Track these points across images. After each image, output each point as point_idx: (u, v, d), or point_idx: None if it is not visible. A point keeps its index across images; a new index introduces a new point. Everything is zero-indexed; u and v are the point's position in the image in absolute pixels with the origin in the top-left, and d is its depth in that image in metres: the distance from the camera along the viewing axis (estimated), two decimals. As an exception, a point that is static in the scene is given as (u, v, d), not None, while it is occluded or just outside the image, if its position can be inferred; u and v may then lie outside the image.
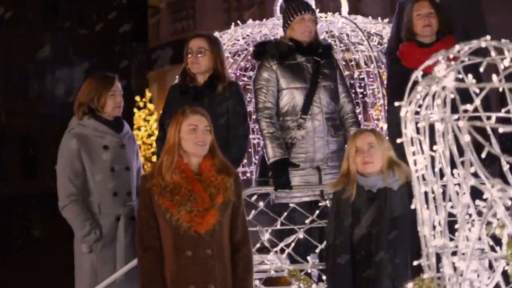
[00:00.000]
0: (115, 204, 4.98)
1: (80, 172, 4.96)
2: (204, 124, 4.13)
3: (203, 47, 5.27)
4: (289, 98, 5.32)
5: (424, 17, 5.24)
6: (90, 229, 4.89)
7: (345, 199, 4.38)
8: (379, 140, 4.41)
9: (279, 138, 5.22)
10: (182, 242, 3.99)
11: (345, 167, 4.45)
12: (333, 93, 5.36)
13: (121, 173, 5.03)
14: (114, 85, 5.10)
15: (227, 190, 4.08)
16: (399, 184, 4.36)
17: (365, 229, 4.35)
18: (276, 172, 5.17)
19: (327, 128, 5.28)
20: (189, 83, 5.29)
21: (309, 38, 5.38)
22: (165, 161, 4.09)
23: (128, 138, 5.19)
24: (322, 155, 5.25)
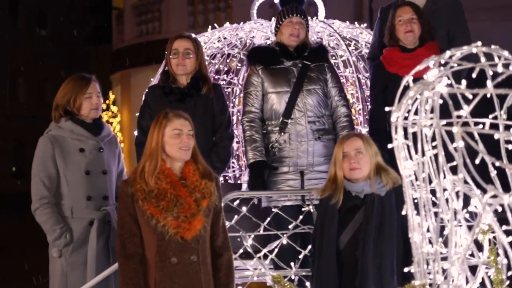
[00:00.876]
0: (89, 208, 4.89)
1: (54, 175, 4.88)
2: (188, 128, 4.05)
3: (190, 49, 5.21)
4: (272, 102, 5.32)
5: (406, 22, 5.25)
6: (60, 233, 4.79)
7: (331, 205, 4.34)
8: (366, 145, 4.37)
9: (257, 141, 5.22)
10: (167, 248, 3.90)
11: (332, 172, 4.41)
12: (320, 97, 5.33)
13: (97, 177, 4.93)
14: (90, 86, 4.99)
15: (211, 194, 4.01)
16: (386, 190, 4.34)
17: (351, 235, 4.31)
18: (252, 174, 5.18)
19: (312, 132, 5.25)
20: (171, 84, 5.21)
21: (296, 41, 5.35)
22: (148, 166, 3.99)
23: (109, 141, 5.09)
24: (305, 159, 5.22)
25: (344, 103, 5.41)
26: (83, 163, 4.91)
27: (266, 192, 5.15)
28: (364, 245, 4.25)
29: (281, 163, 5.24)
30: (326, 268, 4.31)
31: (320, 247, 4.35)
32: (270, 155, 5.25)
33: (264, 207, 5.19)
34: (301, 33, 5.36)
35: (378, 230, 4.26)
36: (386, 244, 4.25)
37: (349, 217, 4.34)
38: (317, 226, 4.45)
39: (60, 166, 4.89)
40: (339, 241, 4.32)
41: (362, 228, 4.29)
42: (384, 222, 4.27)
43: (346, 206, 4.34)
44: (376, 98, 5.41)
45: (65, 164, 4.89)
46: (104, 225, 4.90)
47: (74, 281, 4.84)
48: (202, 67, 5.25)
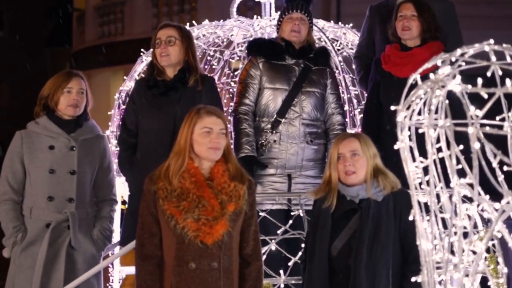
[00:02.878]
0: (49, 209, 4.63)
1: (19, 172, 4.67)
2: (219, 126, 3.78)
3: (173, 36, 4.90)
4: (268, 98, 5.11)
5: (405, 19, 5.08)
6: (11, 232, 4.57)
7: (325, 209, 4.11)
8: (364, 147, 4.14)
9: (250, 135, 5.01)
10: (186, 252, 3.64)
11: (327, 174, 4.18)
12: (318, 101, 5.15)
13: (62, 177, 4.67)
14: (71, 81, 4.74)
15: (240, 198, 3.74)
16: (383, 195, 4.11)
17: (345, 241, 4.09)
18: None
19: (304, 135, 5.04)
20: (157, 76, 4.91)
21: (297, 37, 5.14)
22: (173, 165, 3.72)
23: (90, 140, 4.81)
24: (294, 162, 5.02)
25: (341, 111, 5.25)
26: (48, 161, 4.67)
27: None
28: (357, 253, 4.02)
29: (269, 164, 5.04)
30: (317, 275, 4.09)
31: (311, 253, 4.13)
32: (259, 154, 5.03)
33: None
34: (302, 29, 5.16)
35: (373, 237, 4.04)
36: (381, 253, 4.03)
37: (343, 223, 4.12)
38: (309, 231, 4.23)
39: (26, 162, 4.69)
40: (331, 248, 4.10)
41: (356, 235, 4.07)
42: (379, 229, 4.05)
43: (340, 211, 4.12)
44: (370, 95, 5.28)
45: (31, 161, 4.67)
46: (63, 229, 4.63)
47: (20, 285, 4.59)
48: (190, 56, 4.92)
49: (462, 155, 2.73)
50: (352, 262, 4.03)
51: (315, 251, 4.10)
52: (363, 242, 4.02)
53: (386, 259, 4.04)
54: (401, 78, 4.80)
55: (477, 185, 2.71)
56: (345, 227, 4.10)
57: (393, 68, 5.06)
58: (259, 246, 3.88)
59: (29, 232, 4.63)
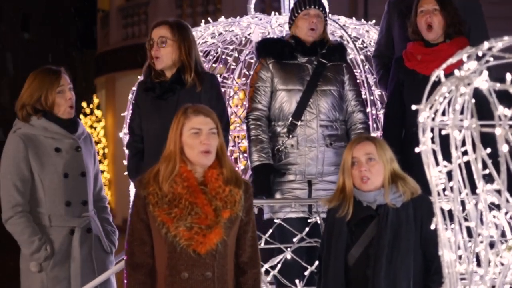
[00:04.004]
0: (68, 215, 4.39)
1: (28, 179, 4.37)
2: (209, 126, 3.55)
3: (165, 36, 4.54)
4: (282, 101, 4.83)
5: (426, 14, 4.82)
6: (39, 245, 4.30)
7: (340, 217, 3.87)
8: (380, 150, 3.89)
9: (264, 142, 4.73)
10: (178, 262, 3.45)
11: (340, 180, 3.93)
12: (336, 100, 4.85)
13: (76, 180, 4.45)
14: (61, 79, 4.46)
15: (236, 204, 3.53)
16: (403, 201, 3.86)
17: (362, 250, 3.86)
18: (256, 178, 4.70)
19: (323, 137, 4.78)
20: (155, 78, 4.64)
21: (314, 36, 4.86)
22: (164, 170, 3.51)
23: (84, 139, 4.59)
24: (314, 167, 4.75)
25: (361, 108, 4.94)
26: (60, 165, 4.42)
27: (267, 201, 4.67)
28: (375, 262, 3.79)
29: (287, 170, 4.77)
30: (333, 287, 3.86)
31: (326, 263, 3.89)
32: (275, 160, 4.76)
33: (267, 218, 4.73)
34: (319, 27, 4.87)
35: (392, 245, 3.80)
36: (401, 262, 3.79)
37: (360, 230, 3.88)
38: (323, 240, 3.99)
39: (35, 168, 4.39)
40: (348, 257, 3.86)
41: (373, 243, 3.83)
42: (399, 236, 3.81)
43: (357, 218, 3.88)
44: (392, 95, 5.00)
45: (41, 166, 4.39)
46: (85, 234, 4.42)
47: None
48: (184, 55, 4.55)
49: (489, 158, 2.55)
50: (370, 272, 3.80)
51: (330, 260, 3.88)
52: (382, 250, 3.80)
53: (407, 268, 3.81)
54: (427, 76, 4.53)
55: (505, 191, 2.54)
56: (362, 234, 3.88)
57: (418, 65, 4.80)
58: (257, 253, 3.69)
59: (55, 242, 4.40)
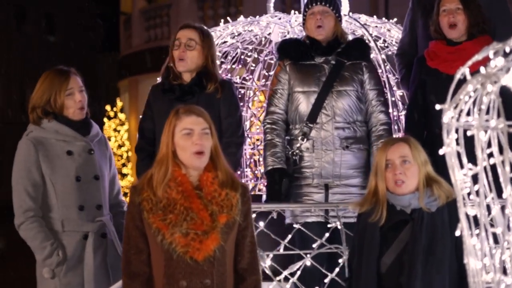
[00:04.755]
0: (82, 219, 4.27)
1: (39, 183, 4.26)
2: (201, 126, 3.41)
3: (194, 40, 4.56)
4: (298, 103, 4.69)
5: (450, 13, 4.66)
6: (51, 250, 4.19)
7: (372, 222, 3.71)
8: (414, 152, 3.72)
9: (277, 146, 4.61)
10: (176, 270, 3.32)
11: (372, 184, 3.75)
12: (353, 101, 4.68)
13: (89, 183, 4.32)
14: (70, 81, 4.33)
15: (232, 208, 3.39)
16: (438, 205, 3.69)
17: (395, 256, 3.69)
18: (269, 183, 4.59)
19: (339, 140, 4.62)
20: (172, 81, 4.59)
21: (323, 34, 4.70)
22: (157, 174, 3.39)
23: (98, 141, 4.47)
24: (331, 171, 4.59)
25: (383, 109, 4.74)
26: (72, 168, 4.29)
27: (287, 205, 4.53)
28: (410, 269, 3.61)
29: (303, 174, 4.62)
30: None
31: (358, 270, 3.72)
32: (292, 163, 4.63)
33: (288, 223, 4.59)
34: (326, 23, 4.69)
35: (427, 252, 3.63)
36: (437, 269, 3.62)
37: (393, 235, 3.70)
38: (354, 246, 3.82)
39: (46, 172, 4.27)
40: (380, 263, 3.69)
41: (408, 249, 3.65)
42: (434, 243, 3.64)
43: (390, 222, 3.70)
44: (414, 95, 4.83)
45: (52, 170, 4.28)
46: (100, 239, 4.31)
47: None
48: (209, 63, 4.58)
49: (517, 161, 2.37)
50: (404, 280, 3.63)
51: (362, 268, 3.71)
52: (416, 257, 3.63)
53: (442, 276, 3.65)
54: (450, 75, 4.38)
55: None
56: (395, 240, 3.71)
57: (441, 64, 4.64)
58: (256, 259, 3.54)
59: (67, 247, 4.28)
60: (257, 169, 6.45)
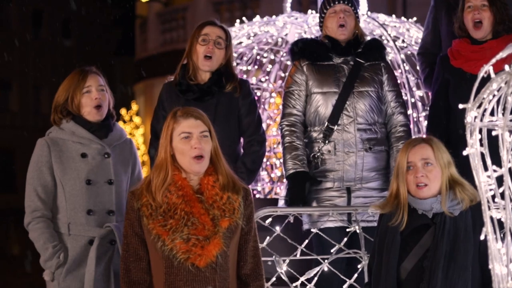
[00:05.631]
0: (89, 224, 4.17)
1: (50, 184, 4.19)
2: (199, 129, 3.34)
3: (222, 38, 4.49)
4: (317, 104, 4.57)
5: (474, 10, 4.54)
6: (52, 252, 4.10)
7: (393, 226, 3.60)
8: (437, 154, 3.60)
9: (299, 149, 4.48)
10: (177, 277, 3.24)
11: (394, 186, 3.64)
12: (374, 101, 4.57)
13: (100, 188, 4.21)
14: (88, 79, 4.24)
15: (235, 211, 3.31)
16: (461, 209, 3.58)
17: (416, 262, 3.57)
18: (291, 187, 4.46)
19: (361, 141, 4.51)
20: (189, 80, 4.46)
21: (346, 33, 4.58)
22: (155, 179, 3.31)
23: (120, 145, 4.36)
24: (353, 174, 4.48)
25: (402, 110, 4.65)
26: (83, 171, 4.20)
27: (304, 209, 4.40)
28: (431, 276, 3.50)
29: (324, 178, 4.50)
30: None
31: (377, 276, 3.61)
32: (312, 167, 4.51)
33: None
34: (348, 22, 4.58)
35: (449, 257, 3.51)
36: (459, 276, 3.50)
37: (414, 240, 3.59)
38: (374, 250, 3.70)
39: (57, 173, 4.19)
40: (400, 269, 3.58)
41: (429, 255, 3.54)
42: (457, 248, 3.52)
43: (411, 227, 3.59)
44: (437, 95, 4.70)
45: (63, 172, 4.19)
46: (106, 245, 4.21)
47: None
48: (230, 63, 4.53)
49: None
50: (425, 286, 3.52)
51: (381, 273, 3.60)
52: (437, 263, 3.51)
53: (465, 283, 3.53)
54: (474, 75, 4.26)
55: None
56: (416, 245, 3.60)
57: (465, 64, 4.52)
58: (260, 264, 3.46)
59: (71, 251, 4.20)
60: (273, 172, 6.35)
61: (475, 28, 4.53)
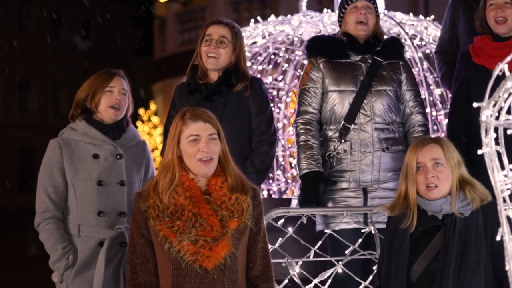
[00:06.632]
0: (99, 226, 4.12)
1: (61, 185, 4.15)
2: (208, 132, 3.30)
3: (226, 38, 4.37)
4: (334, 103, 4.47)
5: (498, 8, 4.44)
6: (61, 254, 4.05)
7: (402, 228, 3.51)
8: (447, 154, 3.51)
9: (314, 148, 4.39)
10: (185, 279, 3.19)
11: (402, 187, 3.55)
12: (392, 101, 4.48)
13: (112, 189, 4.16)
14: (113, 80, 4.23)
15: (243, 212, 3.25)
16: (471, 209, 3.47)
17: (426, 264, 3.48)
18: (305, 187, 4.36)
19: (378, 141, 4.41)
20: (198, 80, 4.40)
21: (366, 30, 4.48)
22: (162, 180, 3.27)
23: (133, 146, 4.32)
24: (370, 174, 4.39)
25: (420, 110, 4.56)
26: (95, 172, 4.15)
27: (317, 210, 4.31)
28: (442, 278, 3.40)
29: (340, 178, 4.41)
30: None
31: (386, 279, 3.52)
32: (327, 167, 4.41)
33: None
34: (370, 19, 4.48)
35: (460, 259, 3.41)
36: (470, 278, 3.40)
37: (424, 242, 3.50)
38: (383, 253, 3.62)
39: (68, 174, 4.15)
40: (410, 272, 3.49)
41: (439, 257, 3.44)
42: (468, 249, 3.42)
43: (420, 229, 3.50)
44: (457, 93, 4.60)
45: (74, 173, 4.15)
46: (117, 247, 4.15)
47: None
48: (240, 61, 4.42)
49: None
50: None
51: (391, 276, 3.52)
52: (448, 265, 3.41)
53: (477, 285, 3.43)
54: None
55: None
56: (426, 247, 3.50)
57: (487, 61, 4.41)
58: (270, 266, 3.40)
59: (80, 252, 4.15)
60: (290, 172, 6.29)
61: (497, 23, 4.44)
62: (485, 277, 3.45)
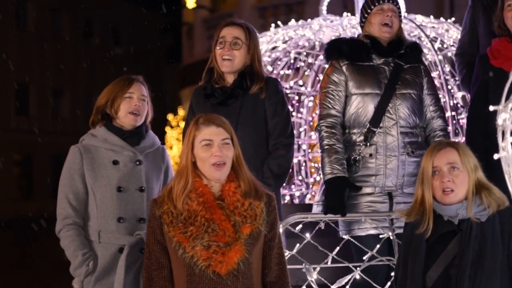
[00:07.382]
0: (119, 232, 4.13)
1: (81, 192, 4.16)
2: (221, 137, 3.31)
3: (240, 38, 4.31)
4: (358, 106, 4.39)
5: None
6: (82, 260, 4.06)
7: (418, 233, 3.47)
8: (463, 158, 3.46)
9: (339, 152, 4.30)
10: (199, 285, 3.20)
11: (419, 192, 3.51)
12: (416, 104, 4.41)
13: (131, 195, 4.17)
14: (132, 86, 4.24)
15: (257, 218, 3.25)
16: (488, 214, 3.42)
17: (442, 270, 3.43)
18: (329, 193, 4.26)
19: (403, 145, 4.35)
20: (214, 84, 4.35)
21: (390, 32, 4.42)
22: (176, 186, 3.29)
23: (153, 153, 4.32)
24: (395, 178, 4.32)
25: (441, 114, 4.50)
26: (114, 178, 4.16)
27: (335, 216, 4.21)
28: (457, 284, 3.36)
29: (365, 182, 4.33)
30: None
31: (403, 285, 3.49)
32: (351, 171, 4.34)
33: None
34: (395, 22, 4.42)
35: (476, 265, 3.37)
36: (487, 284, 3.36)
37: (440, 248, 3.45)
38: (399, 258, 3.58)
39: (89, 180, 4.17)
40: (426, 278, 3.44)
41: (455, 263, 3.40)
42: (484, 255, 3.38)
43: (436, 234, 3.46)
44: (476, 96, 4.52)
45: (94, 179, 4.16)
46: (136, 253, 4.14)
47: None
48: (255, 62, 4.34)
49: None
50: None
51: (407, 282, 3.48)
52: (464, 271, 3.37)
53: (493, 291, 3.38)
54: None
55: None
56: (442, 253, 3.46)
57: (505, 63, 4.32)
58: (285, 271, 3.38)
59: (101, 259, 4.16)
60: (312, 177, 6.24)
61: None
62: (501, 283, 3.40)
